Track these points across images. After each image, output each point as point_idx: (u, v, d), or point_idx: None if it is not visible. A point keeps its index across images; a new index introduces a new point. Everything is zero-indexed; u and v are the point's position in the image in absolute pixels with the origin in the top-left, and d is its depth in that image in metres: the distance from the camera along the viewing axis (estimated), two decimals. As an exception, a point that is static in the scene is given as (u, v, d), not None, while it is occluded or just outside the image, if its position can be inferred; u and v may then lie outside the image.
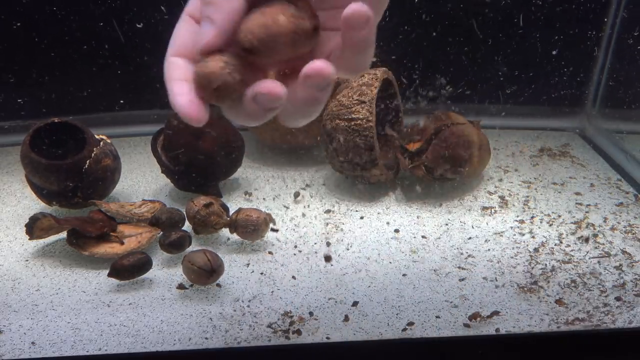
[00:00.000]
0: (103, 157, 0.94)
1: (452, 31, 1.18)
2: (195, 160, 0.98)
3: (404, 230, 0.96)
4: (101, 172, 0.94)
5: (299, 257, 0.89)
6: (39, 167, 0.91)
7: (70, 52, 1.17)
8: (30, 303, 0.79)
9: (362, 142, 0.97)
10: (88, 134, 0.96)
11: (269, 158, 1.19)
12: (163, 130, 1.02)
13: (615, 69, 1.25)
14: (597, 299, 0.80)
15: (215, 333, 0.74)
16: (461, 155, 1.00)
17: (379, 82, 1.00)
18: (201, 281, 0.80)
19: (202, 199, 0.91)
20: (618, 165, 1.17)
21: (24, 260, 0.89)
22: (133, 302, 0.79)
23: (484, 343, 0.73)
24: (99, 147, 0.95)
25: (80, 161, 0.93)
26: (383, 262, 0.88)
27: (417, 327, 0.75)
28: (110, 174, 0.97)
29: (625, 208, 1.02)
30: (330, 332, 0.74)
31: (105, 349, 0.71)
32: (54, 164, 0.91)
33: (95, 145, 0.95)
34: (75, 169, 0.92)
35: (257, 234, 0.90)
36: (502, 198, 1.05)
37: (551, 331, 0.74)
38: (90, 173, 0.93)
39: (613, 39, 1.24)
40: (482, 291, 0.81)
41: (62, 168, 0.91)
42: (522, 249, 0.91)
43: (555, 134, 1.32)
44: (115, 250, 0.86)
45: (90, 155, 0.93)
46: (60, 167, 0.91)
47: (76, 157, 0.93)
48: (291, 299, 0.80)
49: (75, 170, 0.92)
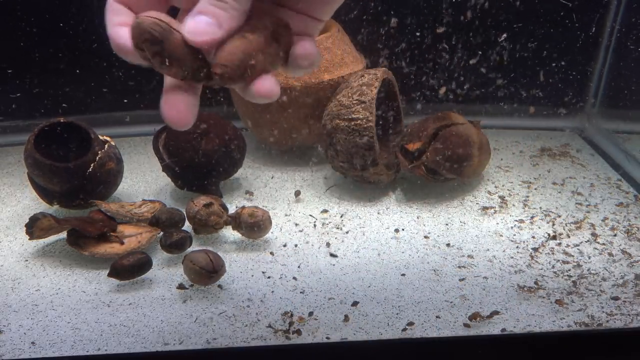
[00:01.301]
0: (107, 161, 0.94)
1: (452, 31, 1.18)
2: (195, 160, 0.98)
3: (404, 230, 0.96)
4: (104, 175, 0.94)
5: (299, 257, 0.89)
6: (43, 167, 0.91)
7: (70, 52, 1.17)
8: (30, 303, 0.79)
9: (362, 142, 0.97)
10: (93, 136, 0.96)
11: (269, 158, 1.19)
12: (165, 129, 1.02)
13: (616, 69, 1.25)
14: (597, 299, 0.80)
15: (215, 333, 0.74)
16: (461, 155, 1.00)
17: (379, 82, 1.00)
18: (202, 281, 0.80)
19: (202, 199, 0.91)
20: (618, 165, 1.17)
21: (24, 260, 0.89)
22: (133, 302, 0.79)
23: (484, 343, 0.73)
24: (103, 150, 0.95)
25: (84, 164, 0.92)
26: (383, 262, 0.88)
27: (417, 327, 0.75)
28: (113, 177, 0.97)
29: (625, 208, 1.02)
30: (330, 332, 0.74)
31: (105, 349, 0.71)
32: (57, 166, 0.91)
33: (100, 148, 0.95)
34: (79, 172, 0.92)
35: (261, 232, 0.90)
36: (502, 198, 1.05)
37: (551, 331, 0.74)
38: (93, 176, 0.93)
39: (613, 38, 1.24)
40: (482, 291, 0.81)
41: (65, 170, 0.91)
42: (522, 249, 0.91)
43: (555, 134, 1.32)
44: (115, 250, 0.86)
45: (95, 159, 0.93)
46: (64, 170, 0.91)
47: (80, 160, 0.92)
48: (291, 299, 0.80)
49: (79, 173, 0.92)
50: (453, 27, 1.18)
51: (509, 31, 1.19)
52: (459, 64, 1.20)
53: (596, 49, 1.26)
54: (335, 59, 1.08)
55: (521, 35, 1.21)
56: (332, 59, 1.08)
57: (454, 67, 1.20)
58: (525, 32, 1.20)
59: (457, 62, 1.20)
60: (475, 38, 1.18)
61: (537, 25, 1.21)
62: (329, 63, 1.07)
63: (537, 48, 1.22)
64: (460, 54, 1.19)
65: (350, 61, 1.10)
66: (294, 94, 1.06)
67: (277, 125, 1.11)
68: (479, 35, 1.17)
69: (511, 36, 1.20)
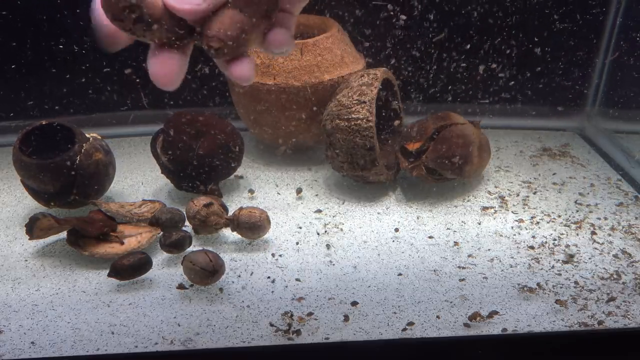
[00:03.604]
0: (94, 152, 0.94)
1: (452, 31, 1.18)
2: (195, 161, 0.98)
3: (404, 230, 0.96)
4: (94, 166, 0.94)
5: (299, 257, 0.89)
6: (31, 168, 0.91)
7: (70, 52, 1.17)
8: (30, 303, 0.79)
9: (362, 142, 0.97)
10: (76, 131, 0.96)
11: (269, 158, 1.19)
12: (162, 131, 1.02)
13: (615, 69, 1.25)
14: (597, 299, 0.80)
15: (215, 333, 0.74)
16: (461, 155, 1.00)
17: (379, 82, 1.00)
18: (202, 281, 0.80)
19: (202, 199, 0.91)
20: (618, 165, 1.17)
21: (23, 260, 0.89)
22: (133, 302, 0.79)
23: (484, 343, 0.73)
24: (88, 142, 0.95)
25: (70, 157, 0.92)
26: (383, 262, 0.88)
27: (417, 327, 0.75)
28: (104, 168, 0.96)
29: (625, 208, 1.02)
30: (330, 332, 0.74)
31: (105, 349, 0.71)
32: (44, 162, 0.91)
33: (84, 141, 0.95)
34: (67, 166, 0.92)
35: (259, 232, 0.90)
36: (502, 198, 1.05)
37: (551, 331, 0.74)
38: (82, 168, 0.93)
39: (613, 38, 1.24)
40: (482, 291, 0.81)
41: (53, 166, 0.91)
42: (522, 249, 0.91)
43: (555, 134, 1.32)
44: (115, 250, 0.86)
45: (81, 151, 0.93)
46: (51, 165, 0.91)
47: (66, 154, 0.93)
48: (291, 299, 0.80)
49: (67, 166, 0.92)
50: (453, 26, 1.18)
51: (509, 31, 1.19)
52: (459, 64, 1.20)
53: (596, 49, 1.26)
54: (335, 59, 1.08)
55: (521, 35, 1.21)
56: (332, 59, 1.08)
57: (454, 67, 1.20)
58: (525, 32, 1.20)
59: (457, 62, 1.20)
60: (475, 37, 1.18)
61: (537, 25, 1.21)
62: (329, 63, 1.07)
63: (537, 48, 1.22)
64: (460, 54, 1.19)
65: (350, 61, 1.10)
66: (293, 93, 1.06)
67: (277, 125, 1.11)
68: (479, 36, 1.17)
69: (511, 36, 1.20)
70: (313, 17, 1.18)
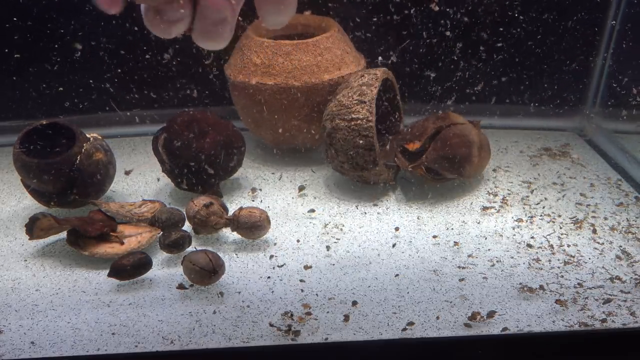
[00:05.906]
0: (94, 152, 0.94)
1: (452, 31, 1.18)
2: (195, 160, 0.98)
3: (404, 230, 0.96)
4: (94, 166, 0.94)
5: (299, 257, 0.89)
6: (31, 168, 0.91)
7: (70, 52, 1.17)
8: (30, 303, 0.79)
9: (362, 142, 0.97)
10: (76, 131, 0.96)
11: (269, 158, 1.19)
12: (164, 130, 1.02)
13: (615, 69, 1.25)
14: (597, 299, 0.80)
15: (215, 333, 0.74)
16: (461, 155, 1.00)
17: (379, 82, 1.00)
18: (202, 281, 0.80)
19: (202, 199, 0.91)
20: (618, 165, 1.17)
21: (23, 260, 0.89)
22: (133, 302, 0.79)
23: (484, 343, 0.73)
24: (89, 142, 0.95)
25: (71, 157, 0.92)
26: (383, 262, 0.88)
27: (417, 327, 0.75)
28: (104, 168, 0.97)
29: (625, 208, 1.02)
30: (330, 332, 0.74)
31: (105, 349, 0.71)
32: (45, 162, 0.91)
33: (85, 141, 0.95)
34: (67, 166, 0.92)
35: (259, 232, 0.90)
36: (502, 198, 1.05)
37: (551, 331, 0.74)
38: (83, 168, 0.93)
39: (613, 38, 1.24)
40: (482, 291, 0.81)
41: (53, 165, 0.91)
42: (522, 249, 0.91)
43: (555, 134, 1.32)
44: (115, 250, 0.86)
45: (81, 151, 0.93)
46: (52, 165, 0.91)
47: (67, 154, 0.93)
48: (291, 299, 0.80)
49: (68, 166, 0.92)
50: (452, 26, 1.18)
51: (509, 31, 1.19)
52: (459, 64, 1.20)
53: (596, 49, 1.26)
54: (335, 59, 1.08)
55: (521, 35, 1.21)
56: (332, 59, 1.08)
57: (454, 67, 1.20)
58: (525, 32, 1.20)
59: (457, 63, 1.20)
60: (475, 38, 1.18)
61: (537, 25, 1.21)
62: (329, 63, 1.07)
63: (537, 48, 1.22)
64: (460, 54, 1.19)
65: (350, 61, 1.10)
66: (293, 93, 1.06)
67: (277, 125, 1.11)
68: (479, 35, 1.17)
69: (511, 36, 1.20)
70: (313, 17, 1.18)
